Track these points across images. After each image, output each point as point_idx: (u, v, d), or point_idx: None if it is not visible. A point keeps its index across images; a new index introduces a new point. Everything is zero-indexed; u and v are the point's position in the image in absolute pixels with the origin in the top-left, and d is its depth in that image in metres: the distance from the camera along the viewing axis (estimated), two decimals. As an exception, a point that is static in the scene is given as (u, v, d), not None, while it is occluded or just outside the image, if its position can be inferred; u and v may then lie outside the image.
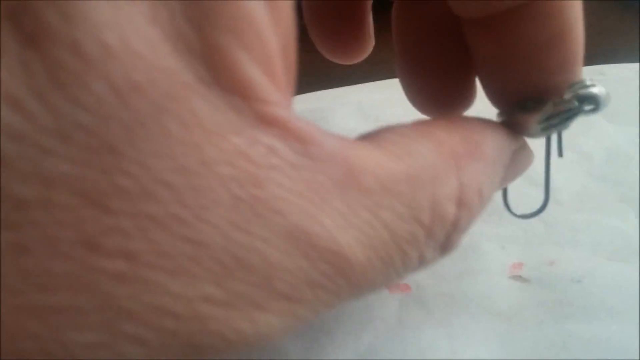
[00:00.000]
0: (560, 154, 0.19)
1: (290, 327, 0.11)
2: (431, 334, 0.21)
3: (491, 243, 0.24)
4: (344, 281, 0.11)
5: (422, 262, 0.13)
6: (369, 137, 0.13)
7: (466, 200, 0.13)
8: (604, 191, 0.26)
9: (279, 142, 0.10)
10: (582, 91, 0.14)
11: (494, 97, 0.17)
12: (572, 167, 0.27)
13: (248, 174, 0.09)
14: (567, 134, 0.28)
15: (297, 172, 0.10)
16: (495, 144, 0.15)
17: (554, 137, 0.18)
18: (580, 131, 0.28)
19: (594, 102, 0.14)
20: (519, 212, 0.25)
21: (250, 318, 0.10)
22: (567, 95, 0.15)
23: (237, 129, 0.09)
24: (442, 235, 0.13)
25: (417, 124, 0.14)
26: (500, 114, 0.18)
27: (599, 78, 0.32)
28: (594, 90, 0.14)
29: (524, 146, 0.17)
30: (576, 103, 0.14)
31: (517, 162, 0.17)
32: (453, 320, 0.21)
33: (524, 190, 0.26)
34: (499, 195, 0.26)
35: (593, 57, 0.35)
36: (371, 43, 0.22)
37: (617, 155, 0.27)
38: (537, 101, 0.15)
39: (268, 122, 0.10)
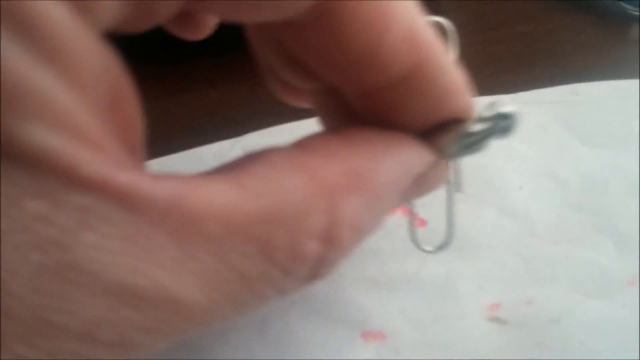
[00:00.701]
0: (460, 188, 0.19)
1: None
2: (407, 387, 0.20)
3: (468, 282, 0.23)
4: (184, 323, 0.11)
5: (284, 293, 0.13)
6: (235, 168, 0.12)
7: (335, 236, 0.13)
8: (581, 221, 0.25)
9: (93, 202, 0.10)
10: (499, 112, 0.15)
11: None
12: (548, 195, 0.26)
13: (51, 239, 0.09)
14: (542, 159, 0.28)
15: (116, 230, 0.10)
16: (391, 171, 0.14)
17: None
18: (555, 156, 0.28)
19: (509, 120, 0.15)
20: (490, 244, 0.25)
21: None
22: (484, 114, 0.15)
23: (34, 194, 0.09)
24: (303, 271, 0.13)
25: (297, 148, 0.13)
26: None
27: (574, 98, 0.31)
28: (509, 108, 0.15)
29: (437, 165, 0.17)
30: (493, 121, 0.15)
31: (425, 180, 0.16)
32: (430, 370, 0.21)
33: (499, 222, 0.25)
34: (473, 228, 0.25)
35: (568, 73, 0.35)
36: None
37: (593, 182, 0.27)
38: (451, 121, 0.16)
39: (80, 183, 0.09)
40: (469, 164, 0.27)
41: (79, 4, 0.10)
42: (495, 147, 0.28)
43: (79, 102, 0.10)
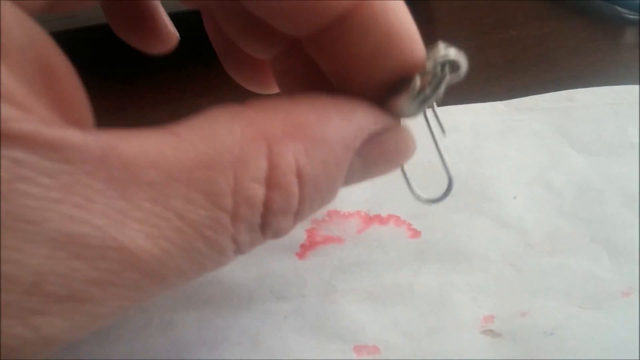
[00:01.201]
0: (442, 130, 0.18)
1: (88, 325, 0.11)
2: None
3: (462, 294, 0.23)
4: (137, 275, 0.11)
5: (240, 244, 0.13)
6: (177, 124, 0.13)
7: (278, 180, 0.13)
8: (575, 231, 0.25)
9: (24, 154, 0.10)
10: (441, 59, 0.15)
11: (360, 92, 0.16)
12: (542, 204, 0.26)
13: None
14: (536, 168, 0.28)
15: (52, 180, 0.10)
16: (336, 125, 0.14)
17: (432, 118, 0.19)
18: (549, 164, 0.28)
19: (455, 65, 0.15)
20: (486, 255, 0.24)
21: (27, 323, 0.10)
22: (428, 65, 0.15)
23: None
24: (254, 217, 0.13)
25: (239, 103, 0.14)
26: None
27: (568, 104, 0.31)
28: (451, 54, 0.15)
29: (396, 130, 0.17)
30: (439, 69, 0.15)
31: (386, 143, 0.16)
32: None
33: (493, 233, 0.25)
34: (467, 239, 0.25)
35: (563, 78, 0.34)
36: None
37: (587, 190, 0.26)
38: (403, 81, 0.16)
39: (8, 137, 0.10)
40: (462, 174, 0.27)
41: None
42: (489, 155, 0.28)
43: (2, 67, 0.10)
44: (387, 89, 0.16)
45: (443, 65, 0.15)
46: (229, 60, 0.23)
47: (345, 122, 0.15)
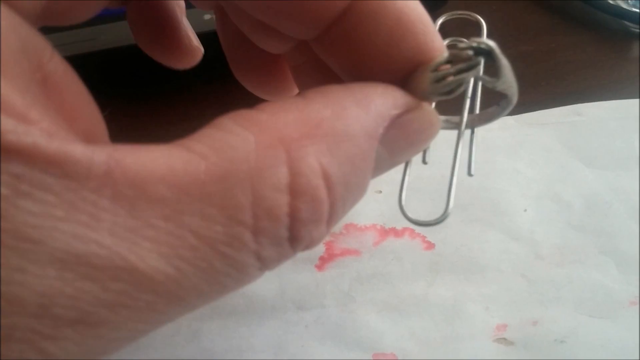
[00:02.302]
0: (469, 168, 0.17)
1: (103, 349, 0.11)
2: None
3: (475, 304, 0.24)
4: (152, 296, 0.11)
5: (265, 260, 0.12)
6: (186, 138, 0.12)
7: (302, 187, 0.12)
8: (584, 242, 0.26)
9: (24, 169, 0.09)
10: (475, 41, 0.13)
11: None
12: (552, 217, 0.27)
13: None
14: (545, 182, 0.29)
15: (55, 197, 0.10)
16: (356, 115, 0.13)
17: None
18: (558, 178, 0.29)
19: (488, 54, 0.13)
20: (498, 267, 0.25)
21: (37, 348, 0.10)
22: (461, 45, 0.14)
23: None
24: (278, 230, 0.12)
25: (248, 109, 0.13)
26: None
27: (576, 119, 0.32)
28: (487, 41, 0.13)
29: (418, 110, 0.15)
30: (471, 53, 0.13)
31: (408, 129, 0.15)
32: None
33: (505, 245, 0.26)
34: (479, 251, 0.26)
35: (571, 92, 0.35)
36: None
37: (595, 203, 0.27)
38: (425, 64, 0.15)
39: (7, 150, 0.09)
40: (474, 188, 0.28)
41: None
42: (500, 169, 0.29)
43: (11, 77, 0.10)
44: (404, 78, 0.15)
45: (477, 51, 0.13)
46: (241, 62, 0.22)
47: (363, 111, 0.14)
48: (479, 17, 0.20)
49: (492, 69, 0.14)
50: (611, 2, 0.41)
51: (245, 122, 0.12)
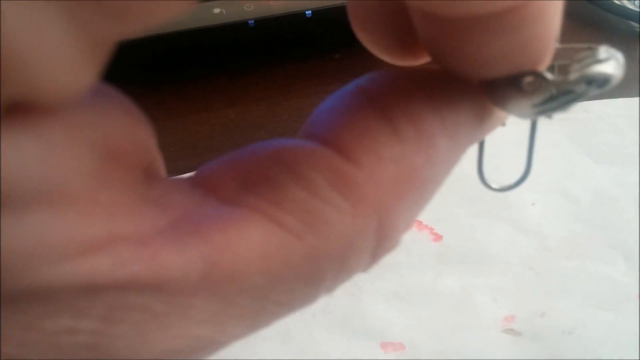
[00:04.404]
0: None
1: None
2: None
3: (483, 295, 0.24)
4: None
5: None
6: (279, 200, 0.11)
7: (386, 249, 0.12)
8: (592, 235, 0.26)
9: (119, 298, 0.09)
10: (591, 70, 0.11)
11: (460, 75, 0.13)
12: (560, 211, 0.27)
13: (80, 344, 0.09)
14: (553, 177, 0.29)
15: (149, 314, 0.09)
16: (445, 157, 0.12)
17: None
18: (566, 173, 0.29)
19: (603, 84, 0.11)
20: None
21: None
22: (573, 75, 0.11)
23: (52, 314, 0.09)
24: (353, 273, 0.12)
25: (345, 163, 0.11)
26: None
27: (584, 116, 0.32)
28: (607, 69, 0.11)
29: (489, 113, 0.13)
30: (584, 86, 0.11)
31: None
32: (447, 380, 0.22)
33: (513, 237, 0.26)
34: (488, 243, 0.26)
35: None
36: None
37: (603, 198, 0.28)
38: (531, 78, 0.11)
39: (101, 289, 0.09)
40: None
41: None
42: (508, 164, 0.29)
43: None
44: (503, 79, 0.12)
45: (591, 80, 0.11)
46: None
47: (450, 145, 0.12)
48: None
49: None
50: (617, 2, 0.42)
51: (343, 185, 0.11)
